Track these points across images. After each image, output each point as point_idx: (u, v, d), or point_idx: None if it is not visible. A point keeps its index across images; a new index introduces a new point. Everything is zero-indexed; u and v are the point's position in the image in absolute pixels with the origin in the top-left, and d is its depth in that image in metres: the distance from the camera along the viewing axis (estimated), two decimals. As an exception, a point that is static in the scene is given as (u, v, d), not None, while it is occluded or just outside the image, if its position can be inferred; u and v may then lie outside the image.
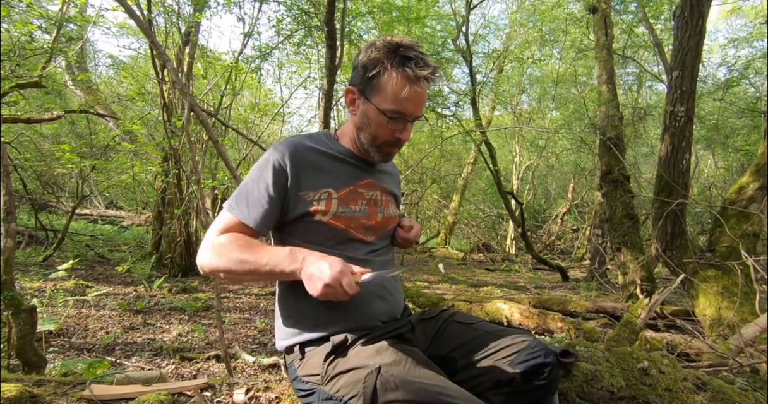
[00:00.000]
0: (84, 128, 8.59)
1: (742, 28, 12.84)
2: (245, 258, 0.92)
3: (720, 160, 11.61)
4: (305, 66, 8.79)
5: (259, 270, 0.92)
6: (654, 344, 2.52)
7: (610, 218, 5.10)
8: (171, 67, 2.41)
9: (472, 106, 8.36)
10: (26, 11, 4.40)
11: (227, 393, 1.36)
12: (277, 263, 0.91)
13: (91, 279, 4.64)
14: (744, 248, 2.70)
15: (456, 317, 1.10)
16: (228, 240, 0.96)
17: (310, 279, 0.86)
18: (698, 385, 1.23)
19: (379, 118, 1.02)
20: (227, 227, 1.00)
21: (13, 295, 1.96)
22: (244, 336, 3.36)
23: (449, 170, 13.51)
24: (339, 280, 0.84)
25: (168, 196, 5.30)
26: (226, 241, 0.96)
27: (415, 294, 4.18)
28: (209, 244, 0.97)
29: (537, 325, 3.44)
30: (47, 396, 1.23)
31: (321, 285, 0.84)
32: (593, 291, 5.84)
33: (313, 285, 0.86)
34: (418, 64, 0.97)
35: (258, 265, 0.92)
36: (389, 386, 0.77)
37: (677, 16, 3.51)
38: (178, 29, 5.27)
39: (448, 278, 7.02)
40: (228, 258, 0.93)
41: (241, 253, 0.93)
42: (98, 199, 11.23)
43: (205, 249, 0.98)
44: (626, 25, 8.11)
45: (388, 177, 1.21)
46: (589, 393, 1.19)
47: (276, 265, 0.91)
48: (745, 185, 3.21)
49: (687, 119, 3.48)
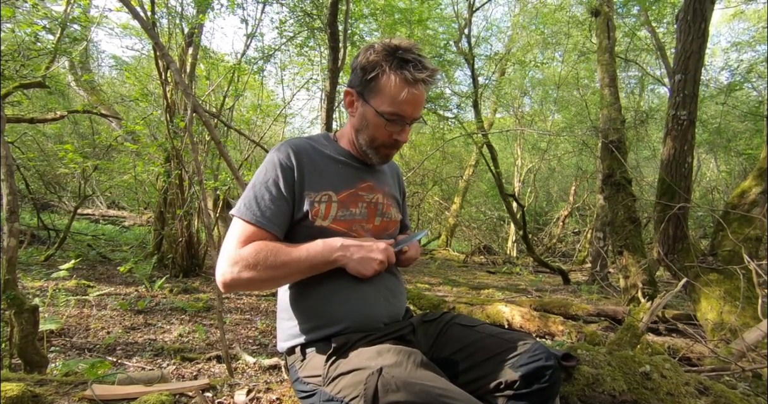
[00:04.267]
0: (87, 128, 8.62)
1: (744, 31, 12.85)
2: (282, 260, 0.93)
3: (722, 164, 11.59)
4: (308, 67, 8.82)
5: (300, 269, 0.95)
6: (656, 348, 2.51)
7: (611, 221, 5.09)
8: (174, 67, 2.41)
9: (473, 108, 8.37)
10: (30, 11, 4.42)
11: (228, 394, 1.36)
12: (317, 255, 0.95)
13: (93, 279, 4.65)
14: (746, 252, 2.69)
15: (457, 319, 1.10)
16: (254, 249, 0.94)
17: (362, 262, 0.96)
18: (700, 390, 1.23)
19: (377, 120, 1.02)
20: (246, 237, 0.97)
21: (15, 294, 1.97)
22: (245, 337, 3.36)
23: (451, 172, 13.51)
24: (387, 255, 0.99)
25: (170, 196, 5.30)
26: (252, 252, 0.94)
27: (417, 297, 4.17)
28: (233, 259, 0.94)
29: (538, 328, 3.43)
30: (49, 395, 1.23)
31: (376, 264, 0.97)
32: (594, 295, 5.83)
33: (367, 265, 0.96)
34: (416, 67, 0.97)
35: (298, 264, 0.94)
36: (390, 387, 0.77)
37: (680, 19, 3.51)
38: (182, 30, 5.29)
39: (449, 280, 7.01)
40: (264, 267, 0.92)
41: (276, 258, 0.93)
42: (100, 199, 11.25)
43: (228, 264, 0.94)
44: (629, 29, 8.12)
45: (389, 177, 1.22)
46: (590, 397, 1.19)
47: (315, 258, 0.95)
48: (748, 189, 3.20)
49: (689, 122, 3.47)
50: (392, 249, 1.01)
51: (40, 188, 8.13)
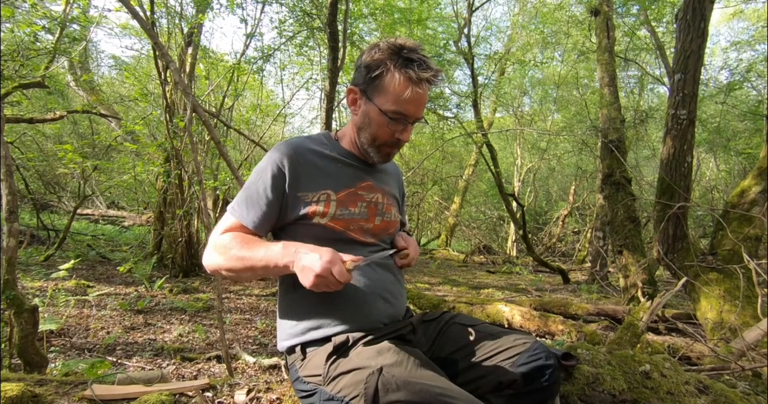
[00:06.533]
0: (86, 128, 8.62)
1: (743, 31, 12.84)
2: (242, 254, 0.96)
3: (722, 163, 11.59)
4: (307, 67, 8.81)
5: (255, 265, 0.95)
6: (655, 347, 2.51)
7: (611, 221, 5.09)
8: (174, 67, 2.41)
9: (473, 108, 8.38)
10: (29, 11, 4.41)
11: (228, 394, 1.36)
12: (272, 257, 0.93)
13: (93, 279, 4.65)
14: (746, 251, 2.69)
15: (457, 319, 1.11)
16: (228, 238, 1.01)
17: (303, 271, 0.89)
18: (700, 389, 1.23)
19: (380, 119, 1.03)
20: (228, 228, 1.05)
21: (15, 295, 1.97)
22: (245, 337, 3.36)
23: (450, 172, 13.50)
24: (329, 269, 0.85)
25: (169, 196, 5.30)
26: (226, 240, 1.00)
27: (416, 296, 4.17)
28: (211, 244, 1.03)
29: (538, 328, 3.43)
30: (49, 395, 1.23)
31: (312, 276, 0.86)
32: (594, 294, 5.83)
33: (305, 276, 0.88)
34: (421, 66, 0.98)
35: (254, 260, 0.95)
36: (391, 387, 0.77)
37: (679, 19, 3.51)
38: (181, 30, 5.28)
39: (449, 280, 7.01)
40: (228, 256, 0.98)
41: (239, 250, 0.97)
42: (100, 199, 11.25)
43: (208, 249, 1.03)
44: (628, 28, 8.12)
45: (390, 177, 1.22)
46: (590, 396, 1.19)
47: (270, 259, 0.93)
48: (747, 188, 3.21)
49: (689, 122, 3.47)
50: (341, 265, 0.88)
51: (40, 188, 8.14)
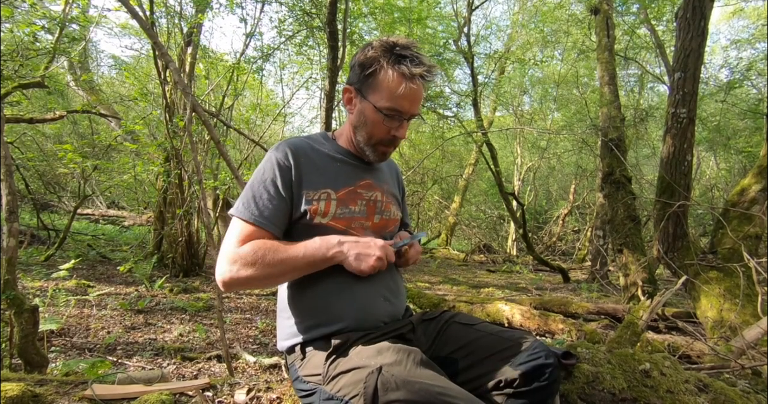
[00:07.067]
0: (86, 128, 8.61)
1: (743, 29, 12.84)
2: (280, 258, 0.94)
3: (722, 162, 11.60)
4: (307, 67, 8.80)
5: (297, 265, 0.96)
6: (655, 346, 2.51)
7: (611, 219, 5.09)
8: (173, 67, 2.41)
9: (473, 106, 8.38)
10: (29, 11, 4.41)
11: (228, 394, 1.36)
12: (314, 252, 0.95)
13: (93, 279, 4.65)
14: (746, 250, 2.69)
15: (457, 318, 1.10)
16: (253, 248, 0.95)
17: (358, 258, 0.95)
18: (700, 387, 1.23)
19: (375, 116, 1.03)
20: (245, 236, 0.98)
21: (15, 295, 1.97)
22: (245, 337, 3.36)
23: (450, 171, 13.51)
24: (386, 252, 0.97)
25: (170, 196, 5.30)
26: (251, 250, 0.95)
27: (417, 295, 4.17)
28: (232, 257, 0.95)
29: (538, 327, 3.44)
30: (49, 395, 1.23)
31: (373, 260, 0.95)
32: (594, 293, 5.84)
33: (363, 262, 0.95)
34: (414, 62, 0.99)
35: (296, 261, 0.95)
36: (390, 386, 0.77)
37: (679, 17, 3.51)
38: (180, 30, 5.28)
39: (449, 279, 7.01)
40: (263, 265, 0.93)
41: (273, 255, 0.94)
42: (100, 198, 11.25)
43: (227, 263, 0.96)
44: (628, 27, 8.12)
45: (388, 175, 1.22)
46: (590, 395, 1.19)
47: (313, 255, 0.95)
48: (747, 187, 3.21)
49: (689, 121, 3.47)
50: (390, 247, 1.00)
51: (40, 188, 8.13)
